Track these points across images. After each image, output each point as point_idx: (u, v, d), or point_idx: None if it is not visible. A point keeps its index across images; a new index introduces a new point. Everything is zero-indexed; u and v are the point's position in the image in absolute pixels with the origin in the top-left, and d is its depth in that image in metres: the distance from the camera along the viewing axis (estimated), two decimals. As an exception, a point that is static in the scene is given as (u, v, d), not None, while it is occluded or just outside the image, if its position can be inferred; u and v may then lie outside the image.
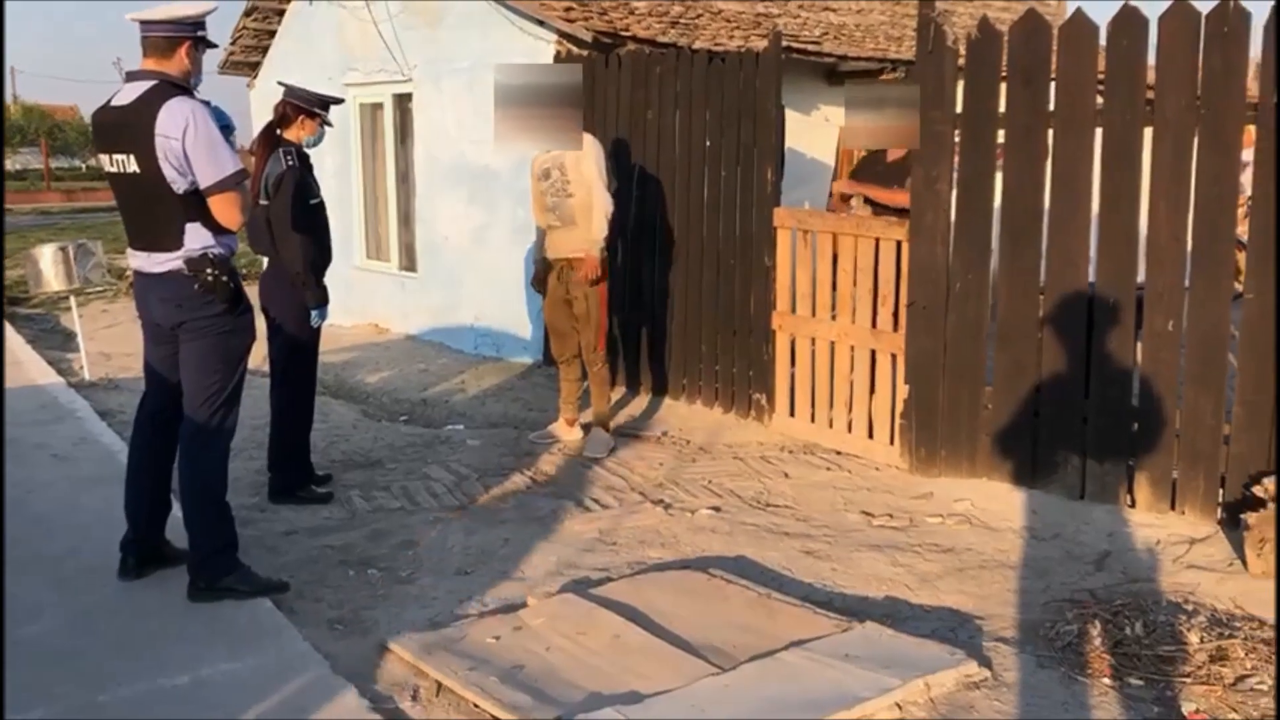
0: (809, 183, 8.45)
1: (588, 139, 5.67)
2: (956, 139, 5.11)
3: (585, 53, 7.40)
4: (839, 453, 5.71)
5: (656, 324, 6.88)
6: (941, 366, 5.22)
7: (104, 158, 3.73)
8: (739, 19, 8.90)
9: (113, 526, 4.10)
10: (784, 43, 6.40)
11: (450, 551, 4.40)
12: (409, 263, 9.58)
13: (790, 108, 6.46)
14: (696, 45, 7.69)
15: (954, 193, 5.14)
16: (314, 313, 4.92)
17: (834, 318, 5.75)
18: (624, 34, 7.56)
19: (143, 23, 3.66)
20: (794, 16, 9.48)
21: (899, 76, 8.70)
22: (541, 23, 7.56)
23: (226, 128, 3.92)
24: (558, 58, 7.52)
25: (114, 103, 3.69)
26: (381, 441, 6.09)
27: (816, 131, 8.79)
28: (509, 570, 4.22)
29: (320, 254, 4.99)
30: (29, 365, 7.94)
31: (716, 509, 4.91)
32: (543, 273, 5.91)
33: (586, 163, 5.62)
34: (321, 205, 5.04)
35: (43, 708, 3.05)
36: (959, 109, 5.10)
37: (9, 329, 9.59)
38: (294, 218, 4.79)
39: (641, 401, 6.89)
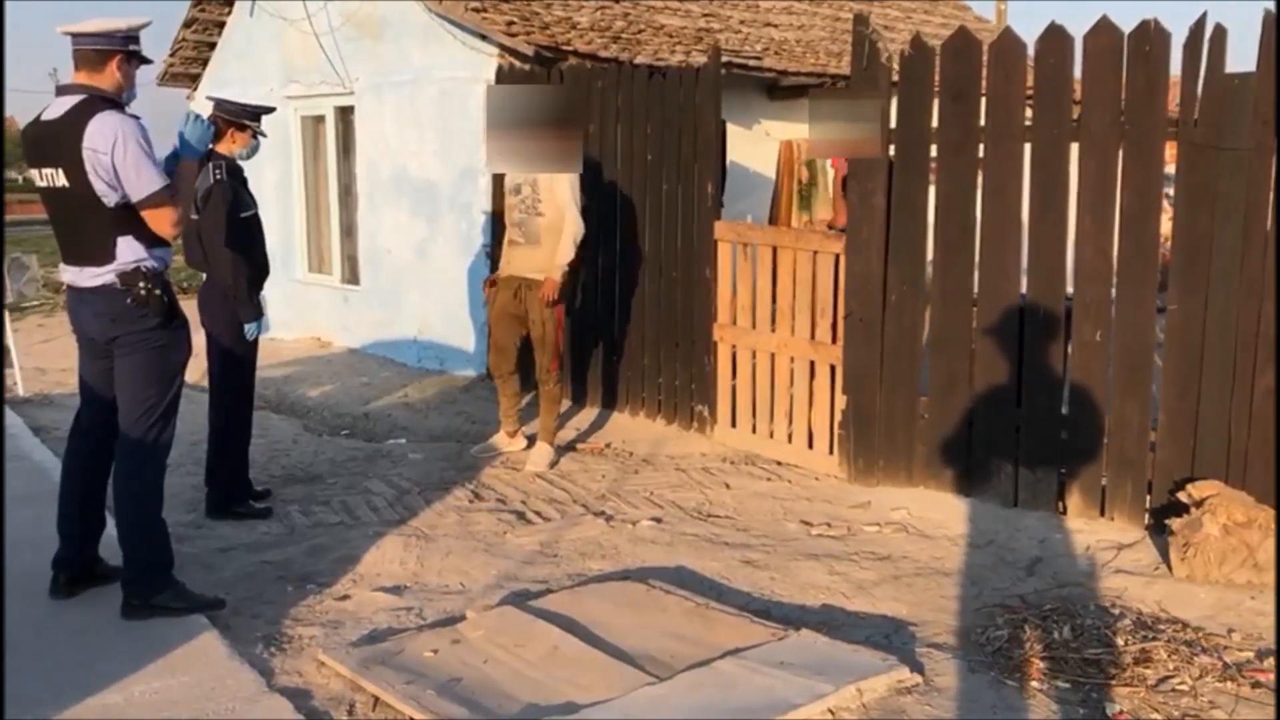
0: (750, 196, 8.56)
1: None
2: (891, 154, 5.20)
3: (527, 67, 7.42)
4: (779, 463, 5.77)
5: (604, 337, 6.91)
6: (879, 377, 5.30)
7: (34, 172, 3.68)
8: (681, 34, 8.98)
9: (44, 545, 4.03)
10: (724, 58, 6.48)
11: (390, 566, 4.38)
12: (351, 275, 9.53)
13: (731, 122, 6.54)
14: (638, 60, 7.76)
15: (888, 207, 5.23)
16: (248, 326, 4.89)
17: (774, 330, 5.82)
18: (566, 49, 7.61)
19: (74, 35, 3.63)
20: (735, 32, 9.58)
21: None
22: (484, 37, 7.58)
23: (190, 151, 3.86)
24: (500, 72, 7.54)
25: (44, 117, 3.65)
26: (322, 456, 6.05)
27: (758, 145, 8.90)
28: (448, 583, 4.21)
29: (254, 267, 4.96)
30: (-41, 381, 7.78)
31: (658, 520, 4.94)
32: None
33: (561, 184, 5.54)
34: (256, 218, 5.02)
35: (-32, 730, 3.00)
36: (893, 124, 5.20)
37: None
38: (227, 231, 4.77)
39: (589, 414, 6.91)
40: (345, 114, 9.31)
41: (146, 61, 3.78)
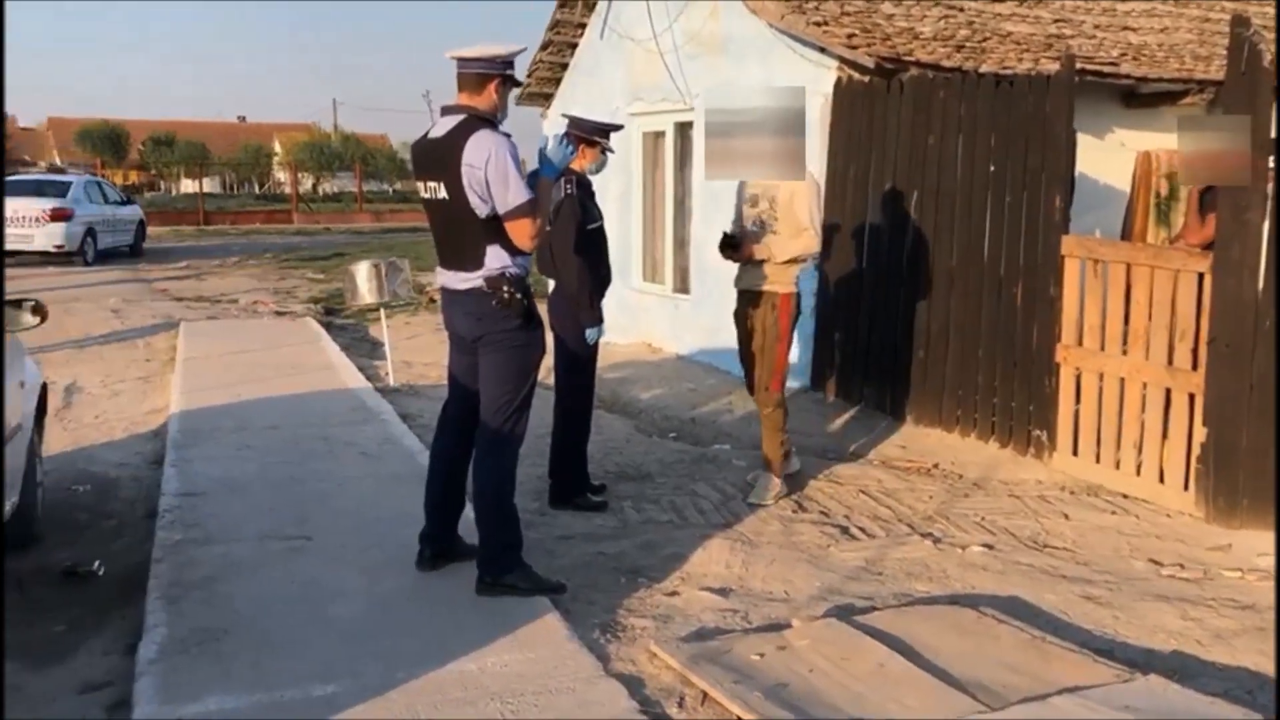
0: (1099, 209, 8.03)
1: (809, 174, 5.22)
2: (1272, 166, 4.75)
3: (866, 79, 7.38)
4: (1125, 496, 5.40)
5: (932, 351, 6.74)
6: (1246, 409, 4.84)
7: (420, 184, 4.10)
8: (1029, 41, 8.59)
9: (411, 521, 4.47)
10: (1078, 65, 6.15)
11: (716, 567, 4.50)
12: (682, 285, 9.84)
13: (1082, 131, 6.18)
14: (983, 69, 7.50)
15: (1266, 224, 4.77)
16: (589, 331, 5.18)
17: (1125, 353, 5.45)
18: (907, 59, 7.48)
19: (459, 59, 4.00)
20: (1089, 37, 9.04)
21: (1205, 99, 8.15)
22: (824, 50, 7.60)
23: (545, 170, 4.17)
24: (838, 85, 7.54)
25: (430, 135, 4.05)
26: (652, 456, 6.30)
27: (1110, 156, 8.34)
28: (773, 591, 4.27)
29: (598, 277, 5.24)
30: (342, 370, 8.75)
31: (989, 546, 4.76)
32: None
33: (800, 202, 5.26)
34: (601, 230, 5.30)
35: (348, 680, 3.37)
36: (1274, 134, 4.74)
37: (327, 336, 10.60)
38: (574, 242, 5.07)
39: (913, 431, 6.77)
40: (684, 129, 9.62)
41: (519, 85, 4.11)
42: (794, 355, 8.02)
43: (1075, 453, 5.78)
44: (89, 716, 3.31)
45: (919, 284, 6.81)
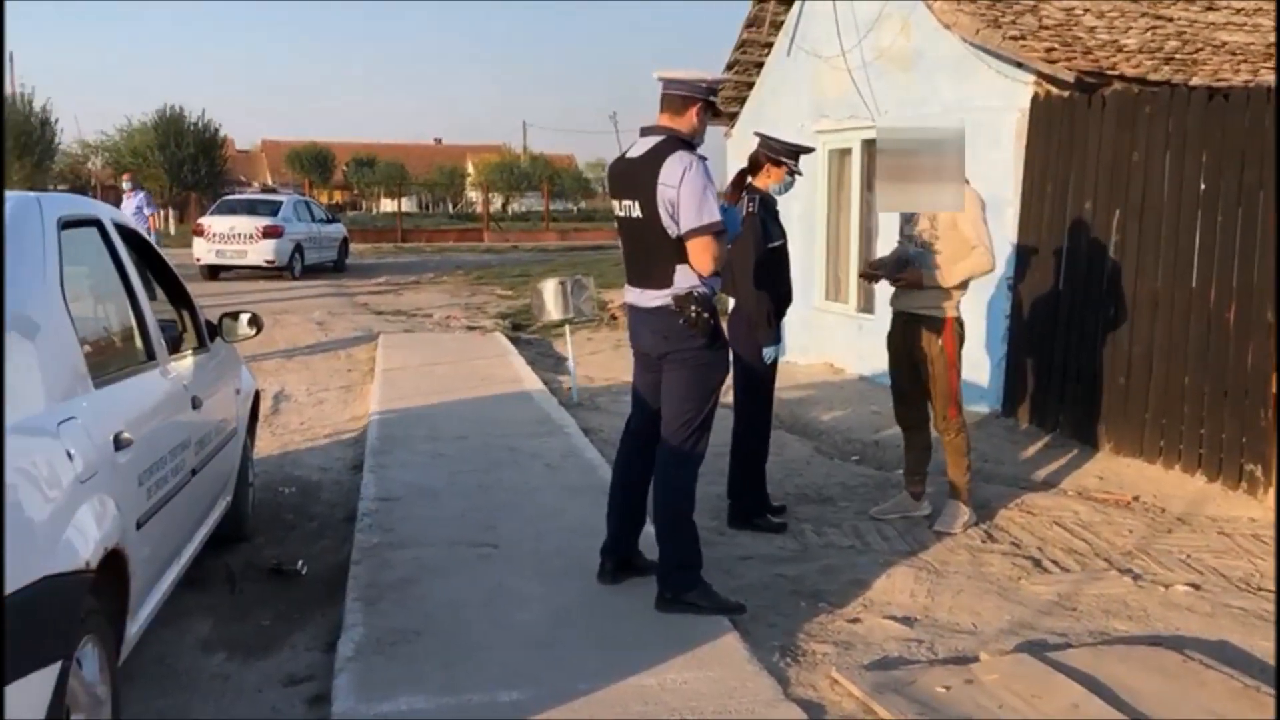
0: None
1: (969, 193, 5.13)
2: None
3: (1065, 94, 7.10)
4: (1352, 539, 4.99)
5: (1130, 377, 6.41)
6: None
7: (615, 203, 4.18)
8: (1247, 51, 8.09)
9: (591, 533, 4.55)
10: (1303, 75, 5.75)
11: (900, 596, 4.39)
12: (866, 304, 9.66)
13: (1306, 147, 5.78)
14: (1194, 82, 7.10)
15: None
16: (766, 350, 5.14)
17: (1353, 384, 5.05)
18: (1110, 73, 7.16)
19: (665, 81, 4.07)
20: (1316, 44, 8.44)
21: None
22: (1020, 65, 7.36)
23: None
24: (1035, 100, 7.28)
25: (628, 154, 4.13)
26: (834, 479, 6.21)
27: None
28: (959, 622, 4.13)
29: (778, 296, 5.20)
30: (527, 384, 9.00)
31: (1195, 586, 4.48)
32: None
33: (964, 220, 5.09)
34: (783, 249, 5.26)
35: (531, 687, 3.44)
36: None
37: (514, 350, 10.92)
38: (755, 261, 5.05)
39: (1109, 461, 6.44)
40: (870, 146, 9.47)
41: (719, 114, 4.13)
42: (985, 379, 7.81)
43: (1294, 490, 5.38)
44: (292, 709, 3.49)
45: (1120, 306, 6.49)
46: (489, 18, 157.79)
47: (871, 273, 5.53)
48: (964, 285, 5.26)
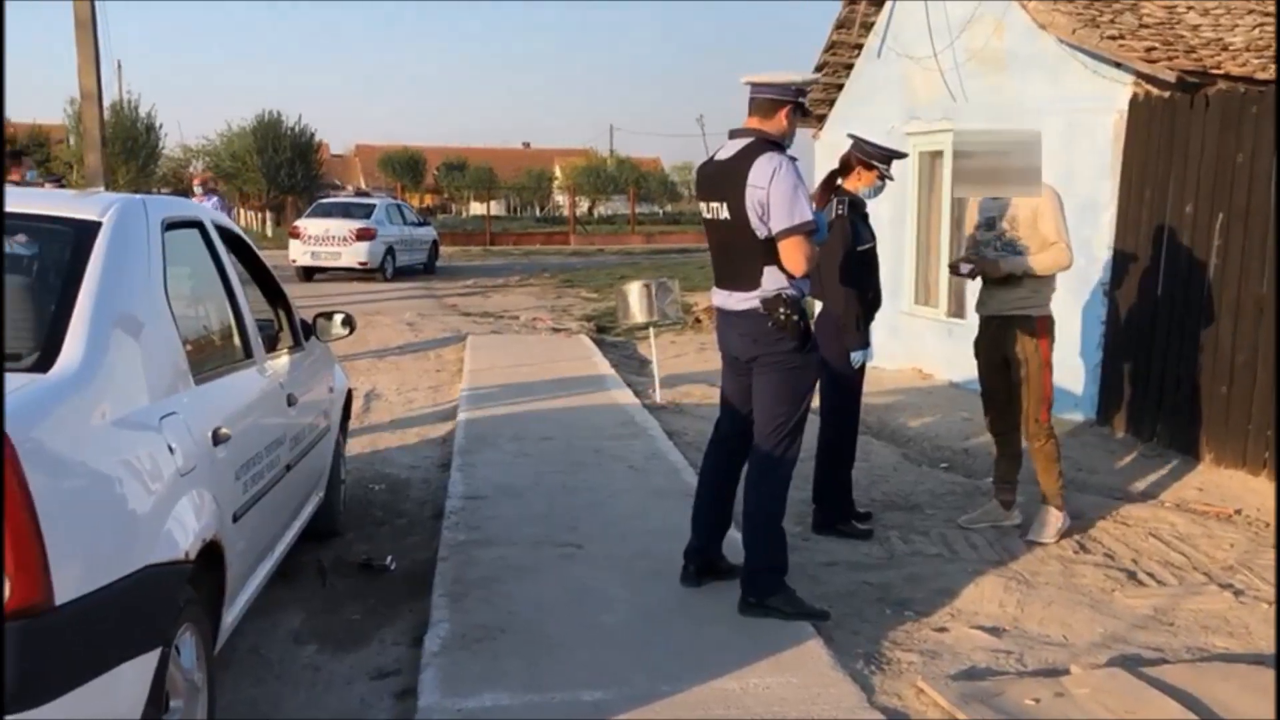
0: None
1: (1047, 191, 5.04)
2: None
3: (1166, 94, 6.90)
4: None
5: (1235, 385, 6.19)
6: None
7: (703, 205, 4.18)
8: (1361, 48, 7.77)
9: (674, 535, 4.55)
10: None
11: (988, 606, 4.31)
12: (957, 309, 9.51)
13: None
14: (1304, 80, 6.84)
15: None
16: (853, 354, 5.08)
17: None
18: (1214, 72, 6.94)
19: (753, 84, 4.05)
20: None
21: None
22: (1118, 65, 7.18)
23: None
24: (1134, 101, 7.09)
25: (717, 157, 4.13)
26: (922, 486, 6.11)
27: None
28: (1049, 634, 4.04)
29: (866, 299, 5.14)
30: (612, 386, 9.05)
31: (1301, 603, 4.32)
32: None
33: (1044, 217, 5.01)
34: (872, 251, 5.20)
35: (614, 688, 3.46)
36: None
37: (599, 352, 10.98)
38: (844, 263, 5.00)
39: (1210, 472, 6.24)
40: (962, 148, 9.32)
41: (808, 114, 4.11)
42: (1079, 387, 7.63)
43: None
44: (380, 701, 3.56)
45: (1222, 312, 6.28)
46: (581, 22, 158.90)
47: (964, 261, 5.36)
48: (1053, 284, 5.16)
